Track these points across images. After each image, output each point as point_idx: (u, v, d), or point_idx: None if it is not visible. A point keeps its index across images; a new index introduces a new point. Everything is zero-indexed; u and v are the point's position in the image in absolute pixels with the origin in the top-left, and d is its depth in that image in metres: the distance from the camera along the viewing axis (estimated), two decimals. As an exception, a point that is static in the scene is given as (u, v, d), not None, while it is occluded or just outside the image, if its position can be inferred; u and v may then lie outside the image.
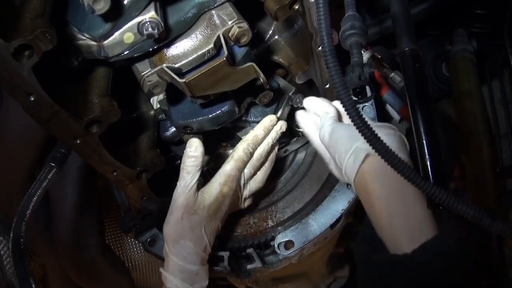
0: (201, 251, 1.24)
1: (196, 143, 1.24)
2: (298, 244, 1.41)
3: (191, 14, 1.05)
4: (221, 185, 1.27)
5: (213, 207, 1.26)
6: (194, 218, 1.23)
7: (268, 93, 1.29)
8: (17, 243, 1.13)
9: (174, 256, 1.23)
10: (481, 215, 0.83)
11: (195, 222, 1.23)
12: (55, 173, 1.19)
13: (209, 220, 1.25)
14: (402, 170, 0.85)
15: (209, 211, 1.25)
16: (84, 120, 1.00)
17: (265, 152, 1.35)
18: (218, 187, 1.27)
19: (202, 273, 1.25)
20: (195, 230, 1.23)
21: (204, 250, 1.25)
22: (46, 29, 0.83)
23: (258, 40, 1.36)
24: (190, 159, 1.23)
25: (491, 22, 1.82)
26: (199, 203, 1.25)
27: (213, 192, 1.27)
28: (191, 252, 1.23)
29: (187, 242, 1.23)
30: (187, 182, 1.23)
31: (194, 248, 1.23)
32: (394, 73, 1.47)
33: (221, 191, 1.27)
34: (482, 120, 1.75)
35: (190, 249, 1.23)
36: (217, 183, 1.28)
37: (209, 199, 1.26)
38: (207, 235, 1.25)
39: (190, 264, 1.23)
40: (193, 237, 1.23)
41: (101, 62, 1.06)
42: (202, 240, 1.24)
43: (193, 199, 1.24)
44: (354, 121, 0.87)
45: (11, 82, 0.85)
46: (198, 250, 1.24)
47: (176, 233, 1.24)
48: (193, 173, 1.23)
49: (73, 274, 1.82)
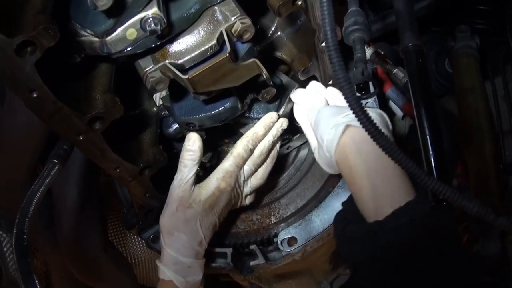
0: (196, 245, 1.25)
1: (194, 137, 1.24)
2: (301, 240, 1.41)
3: (194, 10, 1.05)
4: (218, 180, 1.28)
5: (209, 201, 1.26)
6: (188, 211, 1.24)
7: (271, 90, 1.28)
8: (20, 240, 1.13)
9: (168, 247, 1.24)
10: (485, 211, 0.83)
11: (190, 215, 1.24)
12: (58, 169, 1.19)
13: (204, 214, 1.26)
14: (410, 168, 0.85)
15: (204, 206, 1.26)
16: (87, 116, 1.00)
17: (266, 149, 1.35)
18: (216, 182, 1.27)
19: (196, 266, 1.26)
20: (190, 223, 1.24)
21: (199, 244, 1.26)
22: (49, 25, 0.82)
23: (261, 36, 1.36)
24: (188, 152, 1.24)
25: (494, 18, 1.81)
26: (195, 197, 1.25)
27: (210, 187, 1.27)
28: (185, 244, 1.24)
29: (181, 235, 1.24)
30: (183, 175, 1.24)
31: (188, 241, 1.24)
32: (397, 69, 1.46)
33: (218, 186, 1.27)
34: (485, 116, 1.75)
35: (184, 241, 1.24)
36: (215, 178, 1.28)
37: (206, 194, 1.26)
38: (203, 229, 1.26)
39: (183, 257, 1.24)
40: (187, 230, 1.24)
41: (104, 58, 1.06)
42: (197, 234, 1.25)
43: (189, 193, 1.25)
44: (359, 117, 0.87)
45: (14, 79, 0.85)
46: (192, 243, 1.24)
47: (171, 225, 1.25)
48: (190, 166, 1.24)
49: (76, 270, 1.82)
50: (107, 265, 1.86)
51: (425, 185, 0.85)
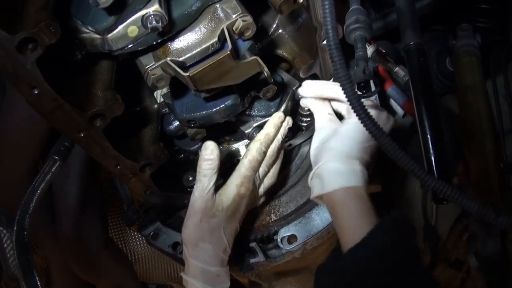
0: (221, 253, 1.24)
1: (211, 146, 1.21)
2: (301, 238, 1.41)
3: (195, 7, 1.04)
4: (238, 186, 1.26)
5: (231, 208, 1.25)
6: (213, 221, 1.22)
7: (272, 87, 1.28)
8: (20, 236, 1.13)
9: (194, 259, 1.22)
10: (485, 210, 0.83)
11: (214, 225, 1.22)
12: (58, 166, 1.19)
13: (227, 222, 1.25)
14: (410, 167, 0.85)
15: (227, 213, 1.24)
16: (87, 113, 1.00)
17: (276, 149, 1.34)
18: (235, 189, 1.26)
19: (223, 274, 1.25)
20: (215, 233, 1.23)
21: (224, 251, 1.25)
22: (50, 22, 0.82)
23: (262, 34, 1.36)
24: (207, 162, 1.21)
25: (496, 17, 1.81)
26: (217, 205, 1.23)
27: (230, 194, 1.25)
28: (212, 254, 1.23)
29: (206, 245, 1.22)
30: (204, 185, 1.21)
31: (214, 250, 1.23)
32: (399, 68, 1.46)
33: (238, 193, 1.26)
34: (486, 115, 1.75)
35: (210, 251, 1.22)
36: (234, 185, 1.26)
37: (227, 201, 1.24)
38: (226, 236, 1.24)
39: (211, 266, 1.22)
40: (213, 240, 1.23)
41: (105, 55, 1.06)
42: (222, 242, 1.24)
43: (211, 202, 1.23)
44: (360, 116, 0.87)
45: (15, 75, 0.85)
46: (218, 252, 1.23)
47: (196, 236, 1.23)
48: (209, 176, 1.21)
49: (76, 267, 1.82)
50: (107, 261, 1.86)
51: (426, 184, 0.85)
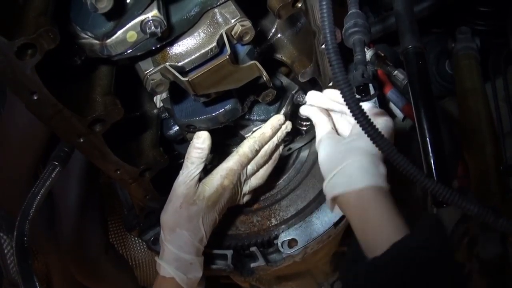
0: (197, 242, 1.25)
1: (204, 135, 1.25)
2: (301, 242, 1.41)
3: (194, 12, 1.05)
4: (222, 177, 1.28)
5: (213, 198, 1.27)
6: (192, 208, 1.24)
7: (271, 91, 1.29)
8: (20, 242, 1.13)
9: (169, 244, 1.24)
10: (485, 213, 0.83)
11: (193, 212, 1.24)
12: (58, 171, 1.20)
13: (207, 211, 1.26)
14: (409, 171, 0.85)
15: (208, 203, 1.26)
16: (87, 118, 1.00)
17: (270, 151, 1.35)
18: (219, 179, 1.28)
19: (197, 263, 1.26)
20: (193, 220, 1.24)
21: (200, 241, 1.26)
22: (49, 28, 0.83)
23: (261, 38, 1.36)
24: (196, 150, 1.24)
25: (495, 19, 1.81)
26: (199, 194, 1.26)
27: (214, 184, 1.27)
28: (187, 241, 1.24)
29: (183, 232, 1.24)
30: (190, 172, 1.24)
31: (190, 238, 1.24)
32: (398, 71, 1.47)
33: (222, 184, 1.28)
34: (486, 118, 1.75)
35: (186, 238, 1.24)
36: (219, 175, 1.28)
37: (209, 191, 1.26)
38: (204, 226, 1.26)
39: (185, 254, 1.24)
40: (190, 227, 1.24)
41: (104, 60, 1.06)
42: (199, 231, 1.25)
43: (194, 190, 1.25)
44: (358, 119, 0.87)
45: (15, 81, 0.85)
46: (194, 240, 1.25)
47: (173, 221, 1.25)
48: (197, 164, 1.24)
49: (77, 272, 1.82)
50: (107, 267, 1.86)
51: (425, 187, 0.85)
